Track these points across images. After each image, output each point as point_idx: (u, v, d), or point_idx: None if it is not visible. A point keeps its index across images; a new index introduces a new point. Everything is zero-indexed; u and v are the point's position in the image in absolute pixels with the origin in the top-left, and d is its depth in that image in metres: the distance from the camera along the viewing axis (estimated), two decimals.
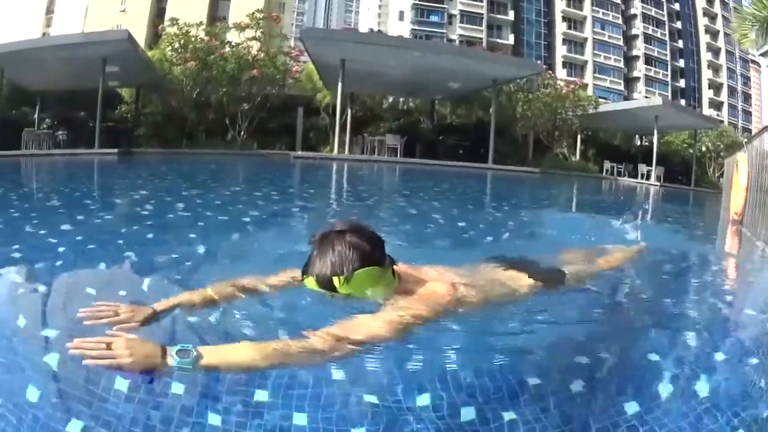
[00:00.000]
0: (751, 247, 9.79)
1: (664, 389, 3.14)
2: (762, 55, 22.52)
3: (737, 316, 5.33)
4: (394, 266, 3.42)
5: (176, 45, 33.83)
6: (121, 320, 2.85)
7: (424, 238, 8.66)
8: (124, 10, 75.50)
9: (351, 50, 30.46)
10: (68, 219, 7.81)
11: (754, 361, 3.85)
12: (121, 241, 6.40)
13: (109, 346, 2.38)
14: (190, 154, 30.55)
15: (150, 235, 7.16)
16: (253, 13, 37.28)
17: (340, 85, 31.57)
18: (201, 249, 6.25)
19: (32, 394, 2.60)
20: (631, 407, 2.85)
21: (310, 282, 3.23)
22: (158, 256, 5.84)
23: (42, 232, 6.81)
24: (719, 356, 3.99)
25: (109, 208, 10.28)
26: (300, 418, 2.61)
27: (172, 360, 2.39)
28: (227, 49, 34.77)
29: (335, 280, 3.13)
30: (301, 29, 40.88)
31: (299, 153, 32.65)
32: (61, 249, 5.89)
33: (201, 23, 36.81)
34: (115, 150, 27.73)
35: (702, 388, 3.23)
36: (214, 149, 32.37)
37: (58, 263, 5.32)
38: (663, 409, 2.90)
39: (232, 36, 35.77)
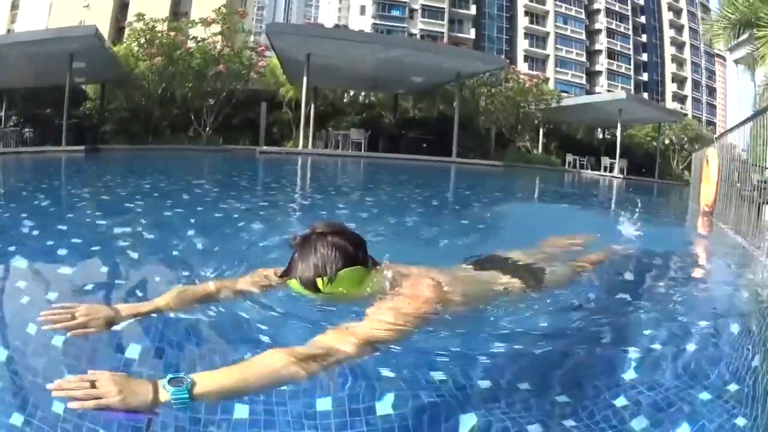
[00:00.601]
0: (724, 236, 10.35)
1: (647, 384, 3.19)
2: (730, 50, 22.88)
3: (712, 295, 5.90)
4: (377, 266, 3.43)
5: (142, 40, 33.69)
6: (78, 324, 2.70)
7: (402, 232, 8.77)
8: (87, 6, 74.93)
9: (316, 45, 30.58)
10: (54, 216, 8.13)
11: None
12: (110, 238, 6.53)
13: (93, 385, 2.12)
14: (156, 150, 30.49)
15: (130, 231, 7.19)
16: (219, 9, 37.21)
17: (305, 79, 31.71)
18: (197, 245, 6.41)
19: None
20: (619, 401, 2.95)
21: (294, 284, 3.23)
22: (150, 254, 5.91)
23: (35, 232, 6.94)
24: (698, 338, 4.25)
25: (104, 207, 10.14)
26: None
27: (165, 393, 2.16)
28: (192, 44, 34.64)
29: (319, 281, 3.13)
30: (267, 24, 40.84)
31: (264, 148, 32.64)
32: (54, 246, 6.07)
33: (167, 18, 36.81)
34: (82, 147, 27.57)
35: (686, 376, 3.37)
36: (180, 145, 32.39)
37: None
38: (646, 405, 2.95)
39: (198, 31, 35.57)
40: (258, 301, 3.63)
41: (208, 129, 35.24)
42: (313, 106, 33.44)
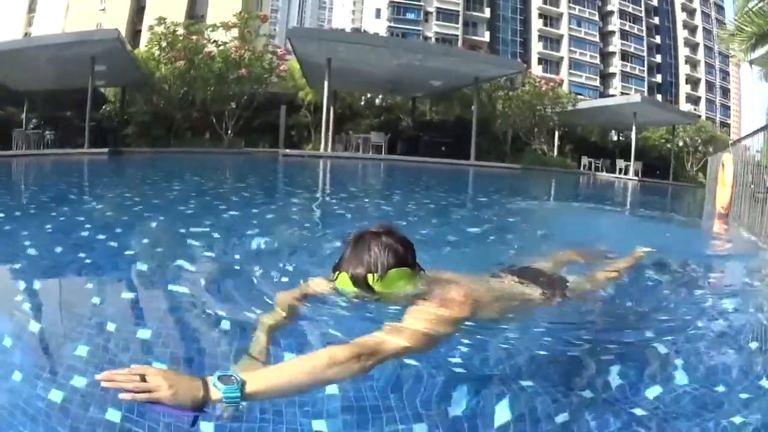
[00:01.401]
0: (740, 236, 10.66)
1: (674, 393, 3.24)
2: (750, 63, 23.06)
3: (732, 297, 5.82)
4: (422, 270, 3.46)
5: (163, 44, 33.92)
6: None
7: (442, 235, 8.86)
8: (104, 9, 74.90)
9: (338, 49, 30.81)
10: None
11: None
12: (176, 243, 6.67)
13: (143, 379, 2.07)
14: (179, 153, 30.68)
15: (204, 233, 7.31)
16: (241, 13, 37.46)
17: (326, 83, 31.95)
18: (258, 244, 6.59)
19: None
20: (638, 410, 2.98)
21: (343, 279, 3.27)
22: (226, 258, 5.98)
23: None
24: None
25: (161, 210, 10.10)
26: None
27: (216, 392, 2.11)
28: (214, 48, 34.84)
29: (369, 277, 3.17)
30: (289, 29, 41.10)
31: (287, 151, 32.94)
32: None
33: (188, 23, 37.21)
34: (105, 150, 27.91)
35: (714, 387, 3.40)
36: (201, 148, 32.67)
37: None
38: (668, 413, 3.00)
39: (219, 35, 35.70)
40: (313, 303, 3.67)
41: (229, 132, 35.52)
42: (332, 109, 33.60)
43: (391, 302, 3.32)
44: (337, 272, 3.32)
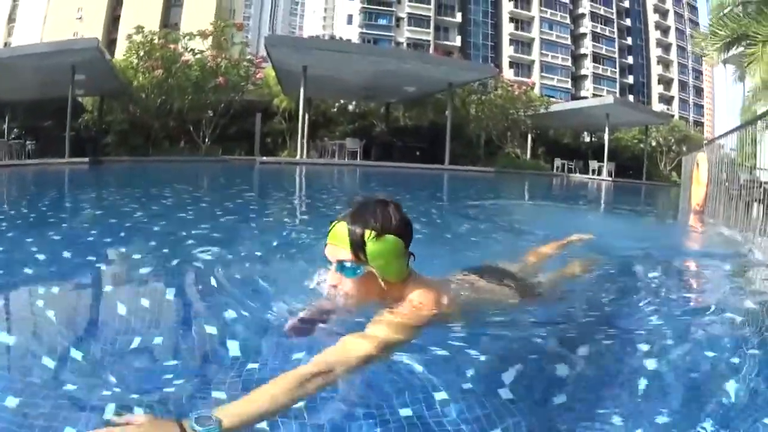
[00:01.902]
0: (715, 231, 11.23)
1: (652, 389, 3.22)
2: (724, 62, 23.63)
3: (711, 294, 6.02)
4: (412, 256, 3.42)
5: (141, 53, 34.02)
6: None
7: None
8: (80, 18, 75.06)
9: (314, 57, 31.14)
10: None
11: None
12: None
13: None
14: (158, 161, 30.82)
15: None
16: (218, 21, 37.62)
17: (302, 91, 32.28)
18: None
19: None
20: (609, 413, 2.93)
21: (340, 229, 3.18)
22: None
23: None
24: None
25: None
26: None
27: (193, 429, 2.11)
28: (190, 56, 34.96)
29: (366, 233, 3.12)
30: (266, 36, 41.28)
31: (264, 159, 33.21)
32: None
33: (166, 31, 37.39)
34: (86, 159, 28.00)
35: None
36: (180, 156, 32.77)
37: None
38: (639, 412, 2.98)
39: (195, 44, 35.85)
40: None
41: (207, 140, 35.71)
42: (307, 116, 33.78)
43: (362, 298, 3.29)
44: (334, 222, 3.27)
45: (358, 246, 3.14)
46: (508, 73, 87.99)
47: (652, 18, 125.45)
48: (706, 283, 6.84)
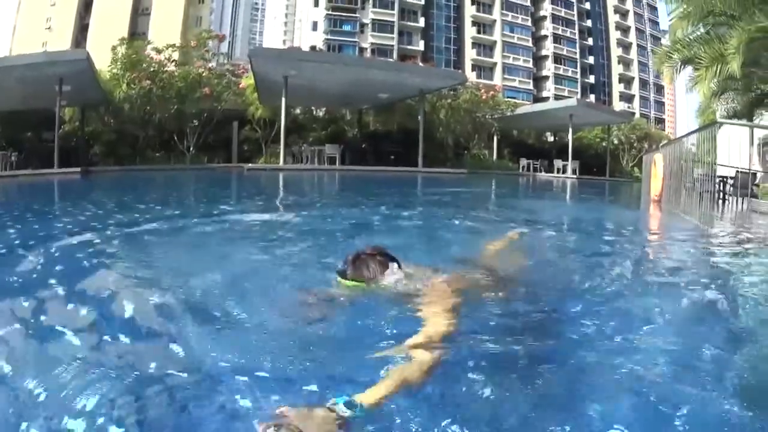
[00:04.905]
0: (672, 215, 13.80)
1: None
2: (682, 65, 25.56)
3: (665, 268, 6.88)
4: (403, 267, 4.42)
5: (125, 62, 34.61)
6: None
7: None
8: (49, 28, 74.99)
9: (295, 67, 32.06)
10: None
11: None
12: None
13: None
14: (147, 170, 31.39)
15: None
16: (201, 33, 38.55)
17: (283, 100, 33.14)
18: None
19: None
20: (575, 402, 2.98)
21: (349, 282, 4.36)
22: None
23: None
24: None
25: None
26: None
27: (346, 411, 2.43)
28: (172, 67, 35.87)
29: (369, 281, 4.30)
30: (251, 49, 42.29)
31: (251, 165, 34.03)
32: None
33: (149, 42, 37.94)
34: (77, 169, 28.41)
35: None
36: (167, 165, 33.50)
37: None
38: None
39: (173, 53, 36.77)
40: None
41: (191, 149, 36.49)
42: (283, 123, 34.55)
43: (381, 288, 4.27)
44: (345, 279, 4.38)
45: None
46: (470, 76, 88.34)
47: (613, 18, 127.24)
48: (667, 251, 8.62)
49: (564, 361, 3.44)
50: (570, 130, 44.53)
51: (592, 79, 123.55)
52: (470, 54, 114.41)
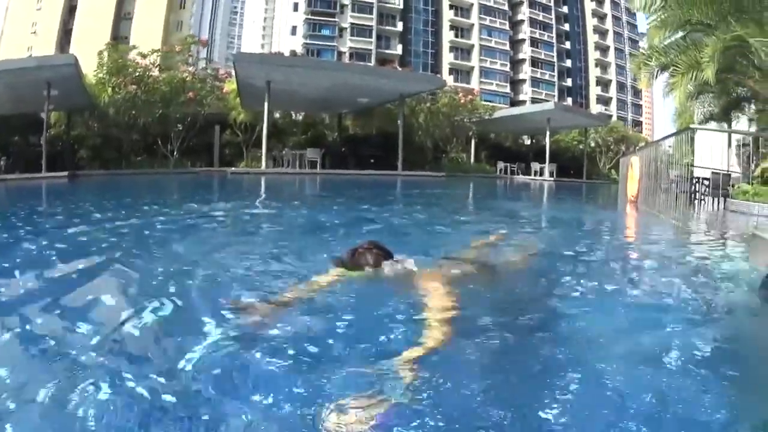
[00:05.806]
0: (648, 215, 14.68)
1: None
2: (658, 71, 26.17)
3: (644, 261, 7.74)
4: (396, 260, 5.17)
5: (113, 69, 34.78)
6: None
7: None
8: (35, 32, 74.79)
9: (278, 73, 32.44)
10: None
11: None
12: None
13: None
14: (133, 174, 31.67)
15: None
16: (186, 38, 38.85)
17: (266, 104, 33.55)
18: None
19: None
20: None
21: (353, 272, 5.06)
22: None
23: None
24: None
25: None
26: None
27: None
28: (158, 73, 36.27)
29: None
30: (235, 54, 42.34)
31: (233, 169, 34.61)
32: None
33: (134, 47, 38.11)
34: (65, 173, 28.14)
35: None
36: (151, 169, 33.66)
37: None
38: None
39: (157, 57, 37.07)
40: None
41: (175, 153, 36.74)
42: (264, 127, 34.77)
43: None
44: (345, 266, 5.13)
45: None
46: (448, 79, 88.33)
47: (590, 22, 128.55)
48: (641, 247, 9.55)
49: (545, 330, 4.07)
50: (547, 133, 45.16)
51: (569, 82, 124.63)
52: (448, 57, 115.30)
